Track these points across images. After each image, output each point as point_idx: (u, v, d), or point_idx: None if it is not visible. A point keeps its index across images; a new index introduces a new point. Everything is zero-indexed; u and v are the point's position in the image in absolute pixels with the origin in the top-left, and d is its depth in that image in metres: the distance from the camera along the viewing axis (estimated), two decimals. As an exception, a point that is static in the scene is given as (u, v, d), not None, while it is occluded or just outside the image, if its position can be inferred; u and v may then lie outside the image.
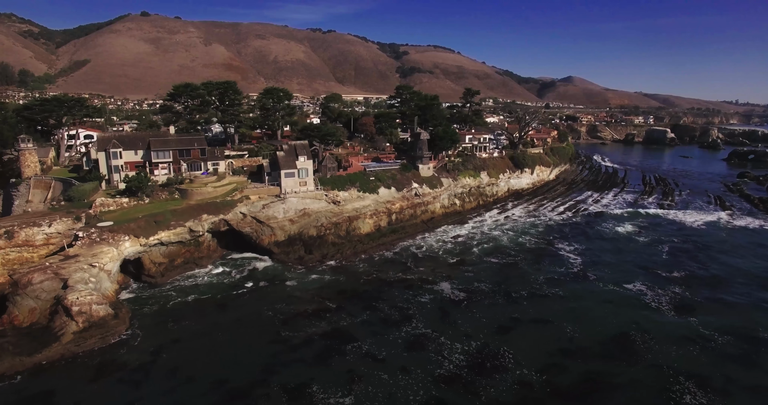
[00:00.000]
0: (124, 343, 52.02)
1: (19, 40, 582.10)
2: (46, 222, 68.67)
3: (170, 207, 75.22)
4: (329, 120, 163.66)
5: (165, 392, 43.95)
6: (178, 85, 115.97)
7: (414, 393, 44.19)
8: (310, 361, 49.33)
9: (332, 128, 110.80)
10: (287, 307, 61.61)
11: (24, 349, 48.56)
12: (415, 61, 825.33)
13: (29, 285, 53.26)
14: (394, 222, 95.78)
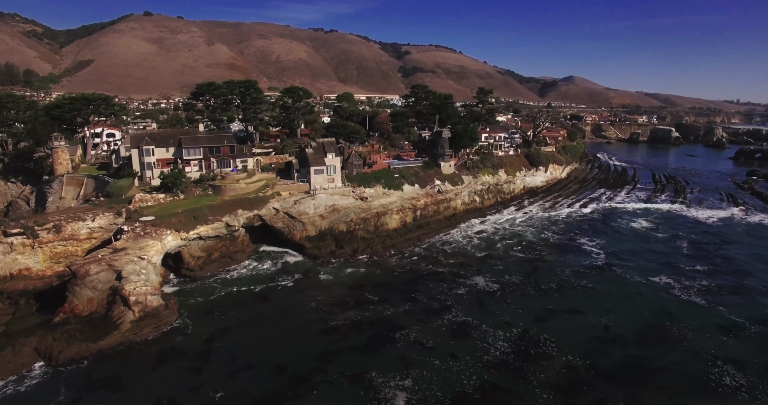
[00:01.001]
0: (177, 332, 53.84)
1: (23, 40, 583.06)
2: (90, 217, 70.54)
3: (206, 203, 76.97)
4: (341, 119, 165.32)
5: (227, 378, 45.70)
6: (202, 83, 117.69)
7: (467, 377, 46.13)
8: (363, 348, 51.22)
9: (357, 127, 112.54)
10: (328, 298, 63.51)
11: (88, 336, 50.42)
12: (417, 60, 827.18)
13: (87, 276, 55.04)
14: (418, 218, 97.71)
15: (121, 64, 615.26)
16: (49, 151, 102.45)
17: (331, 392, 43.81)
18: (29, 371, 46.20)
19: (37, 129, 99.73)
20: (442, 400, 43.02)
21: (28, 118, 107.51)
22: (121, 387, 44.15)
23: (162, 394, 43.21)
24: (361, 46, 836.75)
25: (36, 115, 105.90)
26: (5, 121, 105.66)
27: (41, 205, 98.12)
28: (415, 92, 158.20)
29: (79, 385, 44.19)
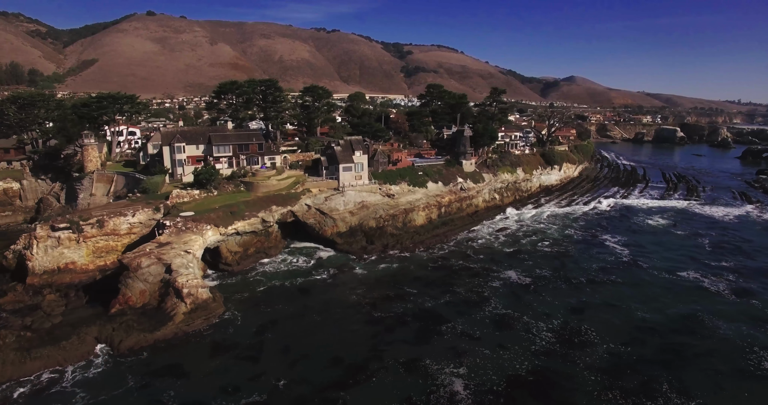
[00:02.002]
0: (228, 324, 55.31)
1: (27, 40, 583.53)
2: (131, 212, 72.01)
3: (240, 199, 78.43)
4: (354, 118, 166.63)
5: (285, 368, 47.16)
6: (225, 82, 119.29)
7: (519, 363, 48.02)
8: (412, 339, 52.81)
9: (381, 125, 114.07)
10: (368, 291, 65.07)
11: (144, 326, 51.91)
12: (419, 60, 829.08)
13: (139, 269, 56.52)
14: (443, 214, 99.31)
15: (125, 64, 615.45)
16: (79, 148, 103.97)
17: (390, 379, 45.36)
18: (94, 358, 47.66)
19: (67, 127, 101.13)
20: (498, 384, 44.85)
21: (57, 117, 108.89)
22: (184, 374, 45.63)
23: (224, 381, 44.68)
24: (364, 46, 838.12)
25: (65, 114, 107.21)
26: (35, 120, 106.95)
27: (72, 201, 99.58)
28: (431, 92, 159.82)
29: (144, 372, 45.67)
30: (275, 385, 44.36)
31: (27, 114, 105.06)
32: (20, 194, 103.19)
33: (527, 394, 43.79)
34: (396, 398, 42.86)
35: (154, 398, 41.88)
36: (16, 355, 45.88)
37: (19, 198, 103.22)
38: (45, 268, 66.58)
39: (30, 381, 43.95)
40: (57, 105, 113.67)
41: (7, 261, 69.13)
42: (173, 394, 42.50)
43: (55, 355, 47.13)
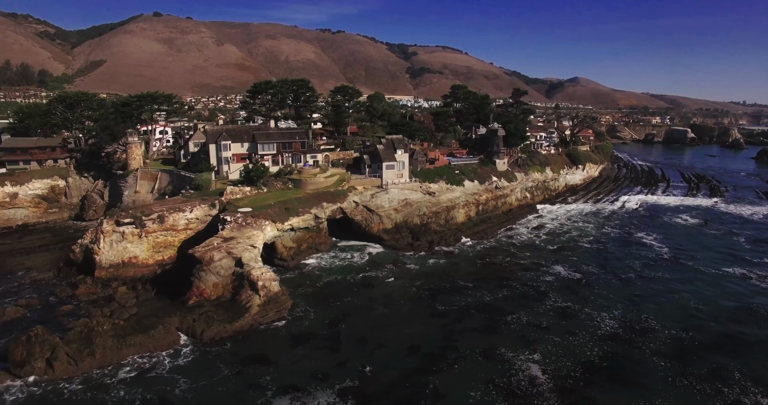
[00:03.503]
0: (300, 316, 57.05)
1: (36, 41, 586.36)
2: (188, 208, 73.79)
3: (290, 196, 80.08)
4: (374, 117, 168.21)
5: (366, 356, 48.91)
6: (259, 82, 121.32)
7: (589, 349, 50.28)
8: (481, 329, 54.68)
9: (419, 125, 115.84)
10: (425, 285, 66.85)
11: (223, 317, 53.62)
12: (424, 61, 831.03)
13: (211, 262, 58.23)
14: (480, 212, 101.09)
15: (133, 64, 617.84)
16: (121, 146, 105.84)
17: (470, 366, 47.30)
18: (180, 347, 49.41)
19: (111, 125, 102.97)
20: (573, 368, 46.84)
21: (99, 116, 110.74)
22: (272, 362, 47.33)
23: (312, 368, 46.43)
24: (369, 47, 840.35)
25: (107, 113, 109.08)
26: (79, 119, 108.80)
27: (116, 198, 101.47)
28: (455, 92, 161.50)
29: (233, 360, 47.39)
30: (362, 371, 46.18)
31: (72, 113, 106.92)
32: (65, 191, 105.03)
33: (604, 377, 45.70)
34: (480, 381, 44.94)
35: (252, 383, 43.66)
36: (113, 342, 47.66)
37: (64, 195, 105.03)
38: (111, 261, 68.45)
39: (129, 365, 45.86)
40: (99, 104, 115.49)
41: (74, 255, 70.91)
42: (269, 379, 44.28)
43: (146, 343, 48.92)
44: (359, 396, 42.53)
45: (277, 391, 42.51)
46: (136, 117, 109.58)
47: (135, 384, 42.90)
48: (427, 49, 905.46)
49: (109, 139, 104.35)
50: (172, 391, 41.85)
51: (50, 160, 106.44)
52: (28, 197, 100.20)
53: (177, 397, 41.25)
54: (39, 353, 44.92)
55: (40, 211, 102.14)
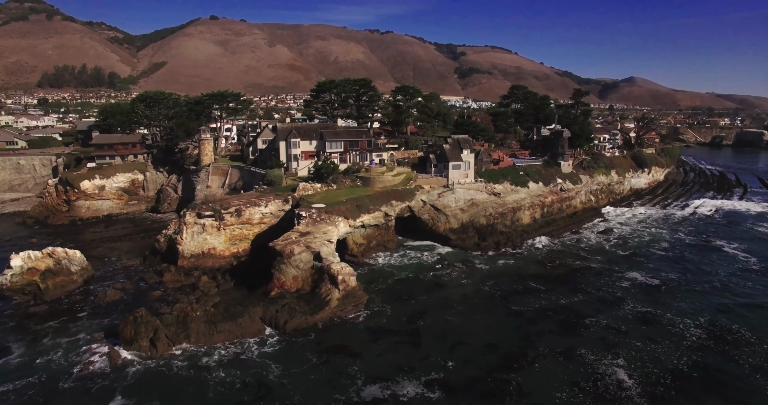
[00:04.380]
0: (378, 312, 58.13)
1: (108, 46, 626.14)
2: (264, 203, 76.67)
3: (360, 193, 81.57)
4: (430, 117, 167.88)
5: (447, 352, 49.34)
6: (323, 81, 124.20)
7: (677, 358, 48.44)
8: (559, 331, 53.95)
9: (483, 125, 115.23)
10: (497, 286, 66.48)
11: (305, 309, 55.43)
12: (473, 61, 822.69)
13: (292, 255, 60.31)
14: (545, 214, 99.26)
15: (191, 65, 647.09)
16: (194, 143, 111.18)
17: (552, 366, 46.98)
18: (266, 336, 51.56)
19: (185, 123, 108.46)
20: (662, 376, 45.35)
21: (174, 114, 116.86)
22: (356, 354, 48.64)
23: (397, 361, 47.43)
24: (417, 47, 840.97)
25: (181, 111, 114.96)
26: (157, 116, 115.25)
27: (188, 192, 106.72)
28: (514, 93, 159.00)
29: (319, 350, 49.06)
30: (445, 365, 46.82)
31: (152, 111, 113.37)
32: (143, 185, 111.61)
33: (698, 388, 43.95)
34: (564, 382, 44.42)
35: (341, 372, 45.20)
36: (205, 327, 50.41)
37: (142, 188, 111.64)
38: (192, 252, 72.19)
39: (220, 349, 48.31)
40: (174, 103, 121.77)
41: (159, 244, 75.38)
42: (356, 369, 45.65)
43: (234, 330, 51.35)
44: (445, 388, 43.31)
45: (366, 380, 43.79)
46: (206, 115, 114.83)
47: (231, 367, 45.27)
48: (475, 49, 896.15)
49: (184, 135, 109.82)
50: (267, 376, 43.83)
51: (131, 155, 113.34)
52: (113, 190, 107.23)
53: (272, 382, 43.13)
54: (144, 333, 48.24)
55: (122, 203, 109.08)
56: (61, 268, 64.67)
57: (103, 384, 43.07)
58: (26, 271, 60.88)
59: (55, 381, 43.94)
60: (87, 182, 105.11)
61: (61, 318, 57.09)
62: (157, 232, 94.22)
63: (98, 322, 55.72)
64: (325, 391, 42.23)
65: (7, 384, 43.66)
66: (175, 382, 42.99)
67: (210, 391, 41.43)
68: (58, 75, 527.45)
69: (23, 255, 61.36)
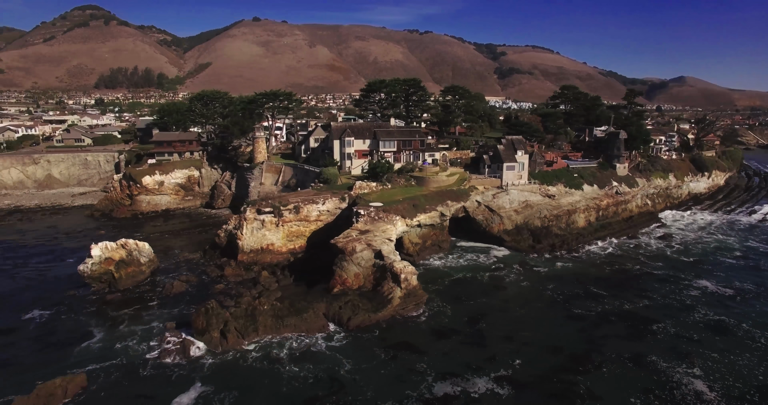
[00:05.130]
0: (438, 312, 58.10)
1: (157, 48, 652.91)
2: (321, 200, 77.88)
3: (415, 192, 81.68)
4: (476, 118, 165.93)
5: (512, 352, 48.90)
6: (374, 81, 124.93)
7: (762, 373, 45.91)
8: (624, 336, 52.67)
9: (536, 126, 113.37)
10: (558, 289, 65.27)
11: (367, 307, 55.94)
12: (513, 61, 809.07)
13: (354, 253, 61.03)
14: (600, 218, 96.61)
15: (234, 66, 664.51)
16: (247, 141, 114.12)
17: (621, 371, 45.86)
18: (331, 331, 52.38)
19: (240, 121, 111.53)
20: (747, 391, 43.22)
21: (228, 112, 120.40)
22: (422, 352, 48.83)
23: (463, 359, 47.45)
24: (456, 47, 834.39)
25: (235, 109, 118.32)
26: (213, 115, 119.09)
27: (242, 189, 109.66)
28: (564, 93, 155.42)
29: (384, 346, 49.56)
30: (512, 364, 46.52)
31: (208, 109, 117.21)
32: (198, 181, 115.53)
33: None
34: (637, 389, 43.27)
35: (410, 368, 45.57)
36: (272, 321, 51.69)
37: (197, 184, 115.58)
38: (251, 247, 74.10)
39: (288, 343, 49.33)
40: (229, 101, 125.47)
41: (219, 239, 77.78)
42: (425, 366, 45.93)
43: (299, 325, 52.41)
44: (514, 385, 43.33)
45: (436, 377, 44.05)
46: (259, 113, 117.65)
47: (303, 361, 46.23)
48: (516, 49, 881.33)
49: (240, 133, 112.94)
50: (338, 371, 44.54)
51: (188, 152, 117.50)
52: (170, 185, 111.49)
53: (344, 377, 43.81)
54: (215, 324, 49.88)
55: (179, 198, 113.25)
56: (132, 259, 67.77)
57: (180, 372, 44.75)
58: (103, 260, 64.15)
59: (135, 366, 46.07)
60: (148, 178, 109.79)
61: (134, 306, 59.80)
62: (212, 227, 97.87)
63: (168, 312, 58.00)
64: (396, 386, 42.59)
65: (93, 364, 46.24)
66: (250, 374, 44.22)
67: (284, 385, 42.39)
68: (113, 76, 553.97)
69: (101, 245, 64.69)
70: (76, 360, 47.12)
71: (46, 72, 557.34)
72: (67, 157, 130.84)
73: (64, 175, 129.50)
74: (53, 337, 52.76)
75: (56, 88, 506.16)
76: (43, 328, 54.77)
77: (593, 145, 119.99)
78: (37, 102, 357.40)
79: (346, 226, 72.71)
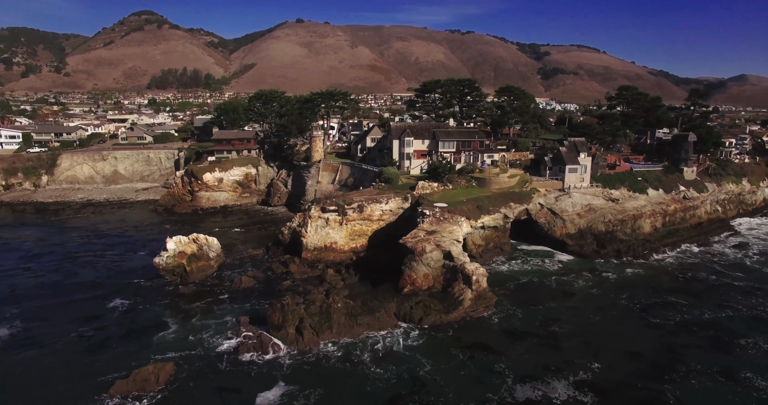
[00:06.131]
0: (509, 315, 57.21)
1: (205, 50, 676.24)
2: (384, 200, 78.07)
3: (478, 194, 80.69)
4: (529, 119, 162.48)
5: (590, 357, 47.61)
6: (429, 81, 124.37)
7: None
8: (709, 347, 50.63)
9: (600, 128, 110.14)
10: (632, 297, 63.01)
11: (439, 308, 55.58)
12: (557, 61, 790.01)
13: (423, 253, 60.79)
14: (667, 223, 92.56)
15: (278, 67, 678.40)
16: (304, 140, 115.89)
17: (713, 385, 43.83)
18: (404, 331, 52.32)
19: (298, 120, 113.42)
20: None
21: (285, 111, 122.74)
22: (497, 352, 48.40)
23: (541, 362, 46.73)
24: (498, 47, 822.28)
25: (292, 109, 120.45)
26: (270, 113, 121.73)
27: (298, 187, 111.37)
28: (622, 94, 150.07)
29: (460, 346, 49.27)
30: (591, 368, 45.54)
31: (266, 108, 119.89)
32: (255, 179, 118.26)
33: None
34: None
35: (488, 369, 45.24)
36: (346, 319, 52.04)
37: (254, 182, 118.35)
38: (315, 245, 75.07)
39: (363, 342, 49.53)
40: (286, 101, 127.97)
41: (283, 236, 79.20)
42: (503, 367, 45.51)
43: (373, 323, 52.62)
44: (596, 390, 42.39)
45: (515, 379, 43.47)
46: (313, 113, 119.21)
47: (382, 360, 46.26)
48: (560, 49, 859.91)
49: (297, 132, 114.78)
50: (418, 371, 44.43)
51: (245, 150, 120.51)
52: (229, 182, 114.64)
53: (424, 377, 43.66)
54: (291, 321, 50.65)
55: (236, 195, 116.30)
56: (202, 254, 69.91)
57: (261, 369, 44.97)
58: (177, 254, 66.52)
59: (215, 358, 47.06)
60: (208, 174, 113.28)
61: (205, 299, 61.51)
62: (270, 224, 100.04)
63: (239, 307, 59.21)
64: (476, 388, 42.16)
65: (171, 353, 47.92)
66: (332, 373, 44.32)
67: (368, 384, 42.42)
68: (164, 77, 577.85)
69: (175, 239, 67.12)
70: (157, 348, 48.85)
71: (105, 74, 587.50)
72: (131, 154, 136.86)
73: (129, 171, 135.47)
74: (135, 324, 55.08)
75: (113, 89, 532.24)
76: (125, 315, 57.31)
77: (656, 147, 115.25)
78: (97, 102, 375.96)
79: (408, 226, 72.71)
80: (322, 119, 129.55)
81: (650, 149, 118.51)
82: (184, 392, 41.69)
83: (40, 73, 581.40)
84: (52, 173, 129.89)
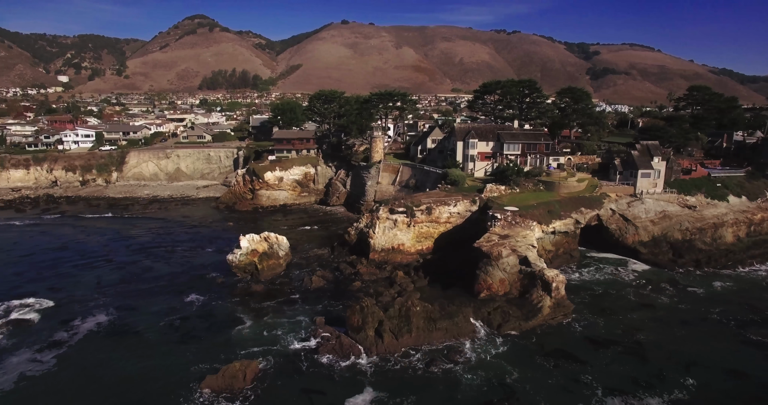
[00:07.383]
0: (589, 323, 55.22)
1: (253, 51, 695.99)
2: (452, 202, 77.06)
3: (546, 198, 78.40)
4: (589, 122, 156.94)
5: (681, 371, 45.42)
6: (489, 82, 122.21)
7: None
8: (826, 372, 46.24)
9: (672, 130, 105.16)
10: (725, 312, 59.24)
11: (518, 315, 54.15)
12: (607, 61, 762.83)
13: (499, 258, 59.48)
14: (752, 233, 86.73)
15: (323, 67, 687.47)
16: (363, 140, 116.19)
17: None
18: (484, 337, 51.26)
19: (358, 120, 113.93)
20: None
21: (344, 112, 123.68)
22: (581, 361, 47.07)
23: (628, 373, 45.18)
24: (545, 47, 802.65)
25: (352, 109, 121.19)
26: (330, 113, 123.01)
27: (357, 187, 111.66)
28: (693, 94, 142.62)
29: (542, 353, 48.14)
30: (685, 385, 43.39)
31: (326, 108, 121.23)
32: (314, 178, 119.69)
33: None
34: None
35: (575, 379, 43.96)
36: (424, 323, 51.38)
37: (312, 181, 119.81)
38: (382, 246, 74.90)
39: (444, 347, 48.88)
40: (345, 101, 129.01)
41: (349, 236, 79.50)
42: (590, 378, 44.02)
43: (451, 328, 51.70)
44: None
45: (605, 392, 42.00)
46: (372, 113, 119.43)
47: (469, 367, 45.39)
48: (611, 48, 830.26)
49: (357, 132, 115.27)
50: (506, 379, 43.34)
51: (305, 150, 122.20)
52: (289, 181, 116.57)
53: (514, 385, 42.56)
54: (370, 323, 50.40)
55: (295, 194, 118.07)
56: (273, 252, 71.05)
57: (343, 373, 44.63)
58: (250, 252, 67.85)
59: (295, 358, 47.04)
60: (269, 173, 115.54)
61: (276, 298, 62.12)
62: (330, 224, 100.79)
63: (311, 307, 59.25)
64: (565, 398, 41.02)
65: (253, 348, 48.57)
66: (420, 379, 43.67)
67: (459, 392, 41.66)
68: (214, 78, 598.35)
69: (248, 237, 68.49)
70: (236, 345, 49.61)
71: (160, 76, 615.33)
72: (192, 153, 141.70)
73: (190, 168, 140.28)
74: (212, 319, 56.39)
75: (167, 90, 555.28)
76: (202, 310, 58.78)
77: (735, 151, 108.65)
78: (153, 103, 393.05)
79: (475, 229, 71.58)
80: (381, 120, 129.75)
81: (727, 153, 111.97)
82: (273, 393, 41.96)
83: (104, 76, 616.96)
84: (121, 170, 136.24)
